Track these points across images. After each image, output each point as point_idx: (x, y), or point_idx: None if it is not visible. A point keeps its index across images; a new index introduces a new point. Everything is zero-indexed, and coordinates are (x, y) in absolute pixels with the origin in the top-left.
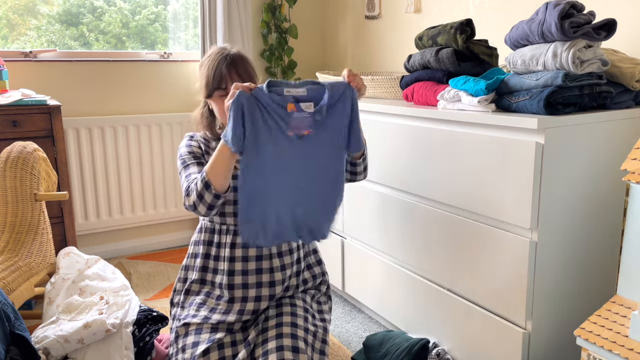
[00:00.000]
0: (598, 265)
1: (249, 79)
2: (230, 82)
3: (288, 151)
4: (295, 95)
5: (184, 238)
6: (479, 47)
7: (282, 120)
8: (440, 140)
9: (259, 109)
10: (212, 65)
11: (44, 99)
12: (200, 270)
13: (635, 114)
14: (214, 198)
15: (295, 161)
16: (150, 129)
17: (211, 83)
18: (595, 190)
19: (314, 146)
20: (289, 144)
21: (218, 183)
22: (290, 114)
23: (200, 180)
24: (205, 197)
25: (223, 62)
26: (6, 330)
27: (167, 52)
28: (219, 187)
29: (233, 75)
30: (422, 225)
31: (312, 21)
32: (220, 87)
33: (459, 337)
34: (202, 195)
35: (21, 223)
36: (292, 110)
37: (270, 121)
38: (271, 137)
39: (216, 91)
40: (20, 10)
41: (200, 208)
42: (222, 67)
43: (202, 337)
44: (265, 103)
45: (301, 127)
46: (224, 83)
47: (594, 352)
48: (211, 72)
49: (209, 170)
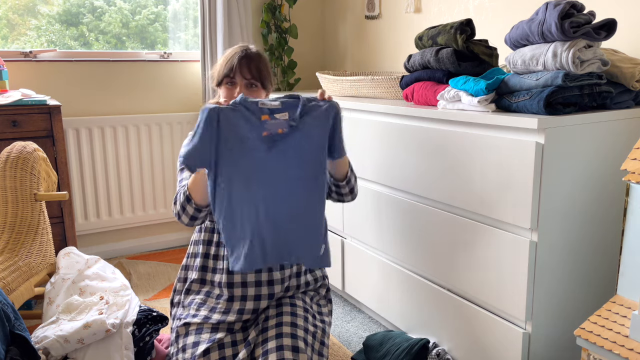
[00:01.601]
0: (598, 265)
1: (258, 76)
2: (239, 74)
3: (263, 162)
4: (270, 107)
5: (184, 238)
6: (479, 47)
7: (255, 129)
8: (440, 140)
9: (231, 122)
10: (228, 55)
11: (44, 99)
12: (200, 269)
13: (635, 114)
14: (195, 211)
15: (271, 173)
16: (150, 129)
17: (222, 71)
18: (595, 190)
19: (290, 154)
20: (264, 154)
21: (198, 197)
22: (263, 122)
23: (182, 193)
24: (187, 209)
25: (237, 54)
26: (6, 330)
27: (167, 52)
28: (199, 201)
29: (242, 68)
30: (422, 225)
31: (312, 21)
32: (229, 75)
33: (459, 337)
34: (184, 207)
35: (21, 223)
36: (265, 119)
37: (243, 131)
38: (243, 148)
39: (225, 79)
40: (20, 10)
41: (183, 218)
42: (235, 58)
43: (203, 337)
44: (238, 116)
45: (275, 128)
46: (232, 73)
47: (594, 352)
48: (224, 61)
49: (191, 184)
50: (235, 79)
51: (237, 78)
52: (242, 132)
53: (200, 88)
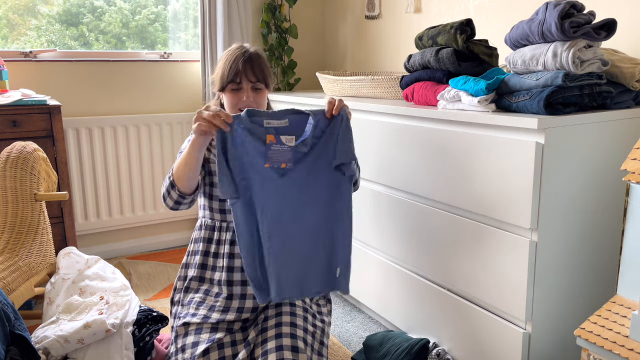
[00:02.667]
0: (598, 265)
1: (262, 77)
2: (245, 79)
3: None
4: (276, 127)
5: (184, 238)
6: (479, 47)
7: (260, 155)
8: (440, 140)
9: (236, 145)
10: (230, 59)
11: (44, 99)
12: (199, 267)
13: (635, 114)
14: (179, 197)
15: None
16: (150, 129)
17: (226, 76)
18: (595, 190)
19: (305, 181)
20: (279, 180)
21: (181, 184)
22: (268, 146)
23: (168, 177)
24: (171, 194)
25: (240, 58)
26: (6, 330)
27: (167, 52)
28: (183, 188)
29: (248, 72)
30: (423, 225)
31: (312, 21)
32: (234, 81)
33: (459, 337)
34: (169, 192)
35: (21, 223)
36: (270, 141)
37: (252, 151)
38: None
39: (229, 84)
40: (20, 10)
41: (168, 201)
42: (238, 62)
43: (202, 337)
44: (243, 137)
45: (279, 159)
46: (238, 78)
47: (594, 352)
48: (227, 66)
49: (175, 170)
50: (242, 84)
51: (243, 83)
52: (249, 159)
53: (200, 88)
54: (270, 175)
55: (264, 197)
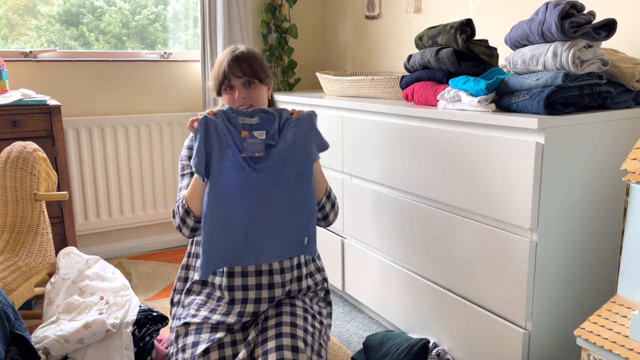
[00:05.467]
0: (598, 265)
1: (251, 72)
2: (233, 77)
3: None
4: (249, 123)
5: (184, 238)
6: (479, 47)
7: (238, 143)
8: (440, 140)
9: (219, 131)
10: (219, 62)
11: (44, 99)
12: None
13: (635, 114)
14: (196, 222)
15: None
16: (150, 129)
17: (217, 79)
18: (595, 190)
19: (274, 168)
20: (249, 168)
21: (197, 210)
22: (244, 139)
23: (181, 206)
24: (187, 222)
25: (227, 58)
26: (6, 330)
27: (167, 52)
28: (198, 213)
29: (235, 70)
30: (422, 225)
31: (312, 21)
32: (225, 81)
33: (459, 337)
34: (184, 220)
35: (21, 223)
36: (245, 136)
37: (230, 142)
38: (233, 160)
39: (222, 86)
40: (20, 10)
41: (184, 231)
42: (225, 64)
43: (202, 337)
44: (226, 126)
45: (254, 150)
46: (228, 77)
47: (594, 352)
48: (217, 69)
49: (188, 197)
50: (232, 82)
51: (233, 81)
52: (225, 145)
53: (200, 88)
54: (246, 163)
55: (238, 180)
